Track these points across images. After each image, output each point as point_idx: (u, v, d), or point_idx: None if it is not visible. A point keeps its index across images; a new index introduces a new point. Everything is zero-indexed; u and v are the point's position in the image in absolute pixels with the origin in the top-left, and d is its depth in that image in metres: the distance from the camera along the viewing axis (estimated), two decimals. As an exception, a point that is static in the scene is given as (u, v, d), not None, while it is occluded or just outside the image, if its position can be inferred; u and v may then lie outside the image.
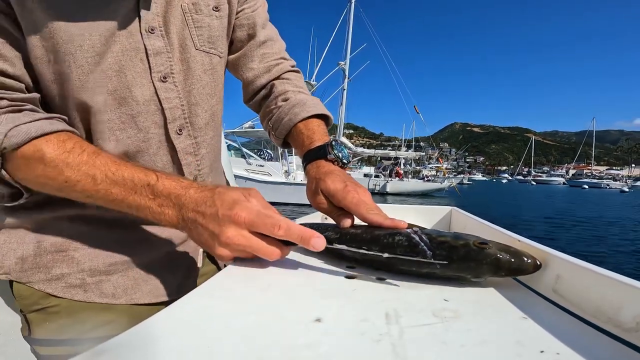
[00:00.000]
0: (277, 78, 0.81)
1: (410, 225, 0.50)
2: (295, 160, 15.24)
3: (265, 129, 0.82)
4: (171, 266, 0.63)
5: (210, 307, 0.35)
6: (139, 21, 0.58)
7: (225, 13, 0.70)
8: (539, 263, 0.41)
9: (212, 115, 0.69)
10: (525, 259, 0.41)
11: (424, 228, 0.50)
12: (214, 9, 0.68)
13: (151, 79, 0.59)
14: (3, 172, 0.50)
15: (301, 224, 0.63)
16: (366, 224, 0.53)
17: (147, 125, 0.59)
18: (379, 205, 0.61)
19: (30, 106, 0.52)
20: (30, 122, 0.49)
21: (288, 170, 13.89)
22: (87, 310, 0.56)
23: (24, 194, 0.54)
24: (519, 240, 0.46)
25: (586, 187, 66.71)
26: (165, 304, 0.61)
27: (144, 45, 0.58)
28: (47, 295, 0.55)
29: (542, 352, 0.28)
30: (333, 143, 0.68)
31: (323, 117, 0.77)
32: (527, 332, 0.31)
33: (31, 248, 0.55)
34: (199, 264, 0.68)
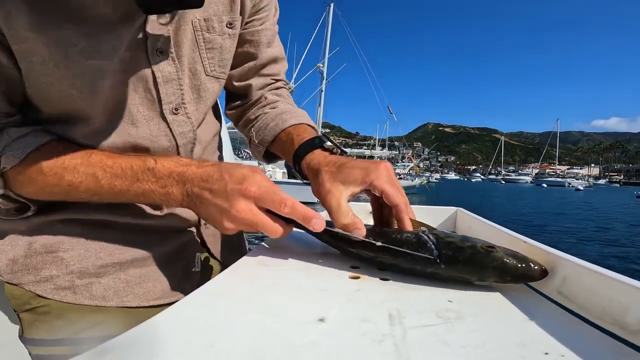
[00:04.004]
0: (269, 91, 0.77)
1: (419, 224, 0.50)
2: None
3: (246, 136, 0.76)
4: (166, 269, 0.61)
5: (212, 307, 0.34)
6: (146, 42, 0.51)
7: (238, 29, 0.64)
8: (545, 269, 0.40)
9: (215, 135, 0.70)
10: (533, 265, 0.40)
11: (434, 228, 0.50)
12: (228, 25, 0.61)
13: (161, 111, 0.55)
14: (9, 192, 0.51)
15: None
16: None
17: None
18: None
19: (12, 122, 0.51)
20: (20, 137, 0.49)
21: (264, 169, 13.97)
22: (77, 311, 0.54)
23: (31, 207, 0.54)
24: (525, 242, 0.46)
25: (545, 185, 69.18)
26: (160, 307, 0.59)
27: (152, 72, 0.53)
28: (37, 295, 0.54)
29: (546, 354, 0.28)
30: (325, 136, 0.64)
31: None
32: (531, 333, 0.31)
33: (22, 250, 0.54)
34: (196, 268, 0.66)
